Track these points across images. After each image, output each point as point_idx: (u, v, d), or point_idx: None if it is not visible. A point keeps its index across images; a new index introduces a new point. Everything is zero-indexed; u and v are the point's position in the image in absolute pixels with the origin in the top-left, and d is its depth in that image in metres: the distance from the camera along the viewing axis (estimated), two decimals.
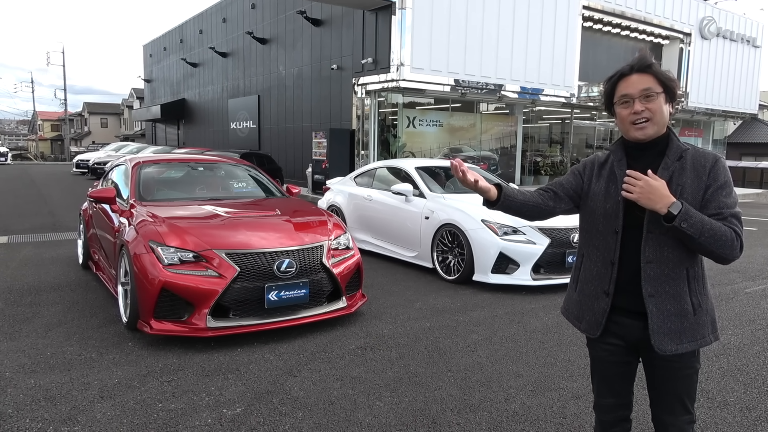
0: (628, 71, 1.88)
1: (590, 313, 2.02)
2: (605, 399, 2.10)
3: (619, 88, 1.90)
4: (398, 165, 7.87)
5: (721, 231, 1.77)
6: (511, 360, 4.00)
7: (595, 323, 2.00)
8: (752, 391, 3.57)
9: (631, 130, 1.89)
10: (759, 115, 26.21)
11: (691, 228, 1.74)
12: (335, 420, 3.07)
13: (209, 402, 3.24)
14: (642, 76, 1.86)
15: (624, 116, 1.89)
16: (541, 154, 19.65)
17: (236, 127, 23.65)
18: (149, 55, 34.90)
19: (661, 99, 1.85)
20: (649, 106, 1.84)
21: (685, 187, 1.83)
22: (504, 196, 2.02)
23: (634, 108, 1.85)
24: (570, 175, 2.12)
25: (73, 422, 2.96)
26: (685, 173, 1.85)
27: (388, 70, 13.89)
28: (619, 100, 1.90)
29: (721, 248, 1.78)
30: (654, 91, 1.84)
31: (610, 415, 2.10)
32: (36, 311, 4.84)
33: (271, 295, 4.19)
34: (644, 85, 1.84)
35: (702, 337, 1.90)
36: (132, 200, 5.10)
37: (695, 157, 1.87)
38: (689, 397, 1.96)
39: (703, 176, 1.84)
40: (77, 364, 3.73)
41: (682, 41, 20.23)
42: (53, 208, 12.31)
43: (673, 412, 1.96)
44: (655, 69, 1.86)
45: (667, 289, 1.87)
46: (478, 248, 5.96)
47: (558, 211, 2.09)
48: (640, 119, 1.85)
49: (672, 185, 1.83)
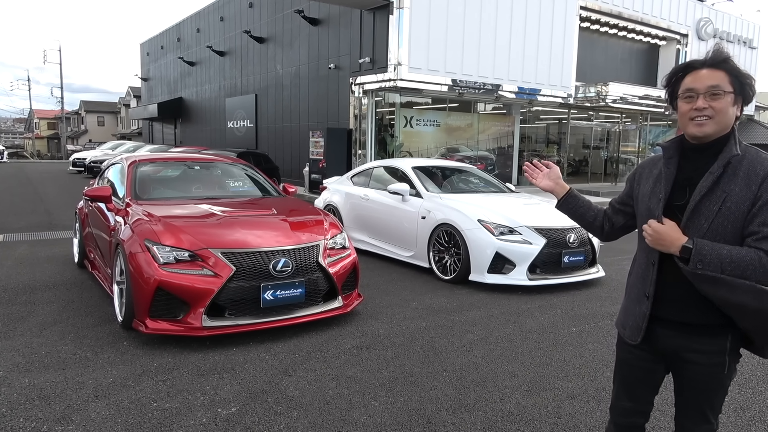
0: (700, 65, 1.77)
1: (632, 318, 1.95)
2: (623, 402, 2.05)
3: (686, 80, 1.79)
4: (395, 165, 7.87)
5: (746, 260, 1.63)
6: (507, 360, 4.00)
7: (636, 328, 1.92)
8: (746, 391, 3.58)
9: (689, 125, 1.78)
10: (755, 116, 26.30)
11: (708, 267, 1.64)
12: (330, 419, 3.06)
13: (204, 401, 3.23)
14: (713, 71, 1.74)
15: (684, 111, 1.79)
16: (538, 154, 19.66)
17: (233, 126, 23.61)
18: (146, 53, 34.81)
19: (729, 99, 1.73)
20: (714, 105, 1.73)
21: (731, 194, 1.70)
22: (568, 195, 2.21)
23: (697, 104, 1.74)
24: (626, 184, 2.10)
25: (68, 421, 2.95)
26: (736, 180, 1.71)
27: (385, 69, 13.88)
28: (683, 93, 1.79)
29: (749, 278, 1.62)
30: (722, 89, 1.72)
31: (625, 420, 2.06)
32: (31, 310, 4.82)
33: (267, 294, 4.18)
34: (713, 82, 1.73)
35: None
36: (128, 199, 5.08)
37: (752, 163, 1.72)
38: (713, 410, 1.89)
39: (753, 186, 1.68)
40: (72, 363, 3.72)
41: (679, 42, 20.27)
42: (49, 207, 12.28)
43: (694, 422, 1.91)
44: (730, 65, 1.74)
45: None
46: (475, 248, 5.97)
47: (618, 224, 2.10)
48: (701, 116, 1.74)
49: (716, 191, 1.73)
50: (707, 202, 1.74)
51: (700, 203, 1.75)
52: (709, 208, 1.74)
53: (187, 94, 28.61)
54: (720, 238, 1.71)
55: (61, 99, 47.23)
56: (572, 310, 5.30)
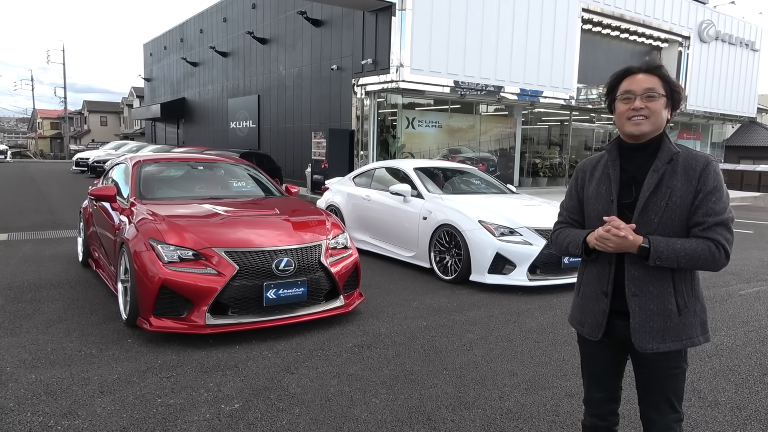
0: (636, 70, 1.92)
1: (591, 316, 2.04)
2: (594, 394, 2.15)
3: (623, 84, 1.93)
4: (397, 165, 7.91)
5: (698, 252, 1.81)
6: (506, 359, 4.04)
7: (596, 325, 2.02)
8: (743, 391, 3.62)
9: (626, 124, 1.92)
10: (757, 118, 26.29)
11: (666, 262, 1.82)
12: (332, 416, 3.11)
13: (208, 398, 3.28)
14: (649, 76, 1.89)
15: (622, 111, 1.92)
16: (540, 155, 19.70)
17: (236, 126, 23.68)
18: (149, 54, 34.91)
19: (662, 102, 1.88)
20: (649, 105, 1.87)
21: (675, 190, 1.86)
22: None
23: (634, 104, 1.88)
24: (568, 197, 2.16)
25: (74, 416, 3.01)
26: (676, 176, 1.87)
27: (387, 71, 13.93)
28: (621, 95, 1.93)
29: (702, 266, 1.84)
30: (657, 92, 1.87)
31: (599, 409, 2.15)
32: (36, 308, 4.88)
33: (270, 293, 4.23)
34: (649, 85, 1.88)
35: (689, 338, 1.92)
36: (132, 198, 5.14)
37: (687, 159, 1.88)
38: (676, 396, 1.99)
39: (693, 180, 1.85)
40: (77, 359, 3.77)
41: (681, 44, 20.28)
42: (53, 206, 12.35)
43: (660, 411, 1.99)
44: (663, 72, 1.90)
45: (651, 289, 1.89)
46: (476, 249, 6.01)
47: None
48: (638, 115, 1.88)
49: (662, 187, 1.87)
50: (654, 198, 1.88)
51: (648, 200, 1.89)
52: (657, 204, 1.87)
53: (190, 95, 28.70)
54: (669, 231, 1.86)
55: (64, 99, 47.48)
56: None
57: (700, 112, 21.14)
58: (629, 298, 1.91)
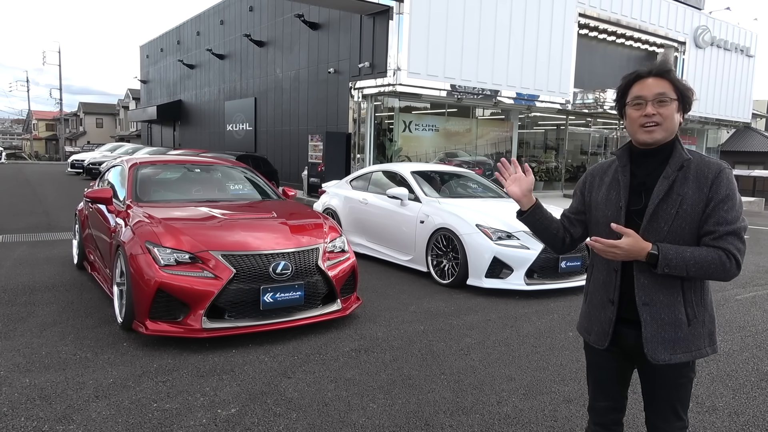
0: (646, 74, 1.87)
1: (598, 324, 2.01)
2: (599, 402, 2.12)
3: (633, 89, 1.89)
4: (394, 169, 7.91)
5: (708, 261, 1.76)
6: (504, 363, 4.03)
7: (602, 333, 1.99)
8: (741, 396, 3.62)
9: (639, 132, 1.87)
10: (752, 123, 26.44)
11: (675, 270, 1.77)
12: (329, 421, 3.09)
13: (204, 402, 3.26)
14: (659, 80, 1.85)
15: (634, 118, 1.88)
16: (536, 159, 19.74)
17: (232, 129, 23.64)
18: (146, 56, 34.85)
19: (674, 106, 1.84)
20: (661, 111, 1.83)
21: (686, 197, 1.81)
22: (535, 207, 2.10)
23: (646, 110, 1.84)
24: (573, 197, 2.15)
25: (69, 421, 2.98)
26: (687, 183, 1.82)
27: (384, 74, 13.94)
28: (632, 101, 1.88)
29: (712, 276, 1.79)
30: (668, 96, 1.83)
31: (603, 418, 2.12)
32: (31, 311, 4.84)
33: (267, 296, 4.21)
34: (659, 89, 1.83)
35: (697, 349, 1.88)
36: (128, 201, 5.11)
37: (699, 166, 1.84)
38: (682, 405, 1.97)
39: (704, 188, 1.80)
40: (72, 363, 3.74)
41: (676, 50, 20.37)
42: (48, 208, 12.28)
43: (666, 419, 1.97)
44: (673, 76, 1.86)
45: (661, 298, 1.86)
46: (473, 253, 6.01)
47: (576, 235, 2.13)
48: (650, 122, 1.84)
49: (672, 194, 1.82)
50: (664, 205, 1.84)
51: (658, 207, 1.85)
52: (667, 211, 1.83)
53: (187, 97, 28.65)
54: (679, 239, 1.82)
55: (59, 100, 47.19)
56: (569, 314, 5.34)
57: (695, 117, 21.20)
58: (640, 308, 1.88)
